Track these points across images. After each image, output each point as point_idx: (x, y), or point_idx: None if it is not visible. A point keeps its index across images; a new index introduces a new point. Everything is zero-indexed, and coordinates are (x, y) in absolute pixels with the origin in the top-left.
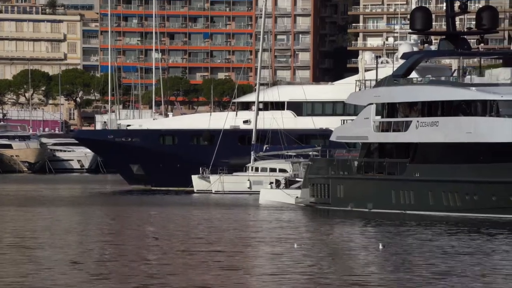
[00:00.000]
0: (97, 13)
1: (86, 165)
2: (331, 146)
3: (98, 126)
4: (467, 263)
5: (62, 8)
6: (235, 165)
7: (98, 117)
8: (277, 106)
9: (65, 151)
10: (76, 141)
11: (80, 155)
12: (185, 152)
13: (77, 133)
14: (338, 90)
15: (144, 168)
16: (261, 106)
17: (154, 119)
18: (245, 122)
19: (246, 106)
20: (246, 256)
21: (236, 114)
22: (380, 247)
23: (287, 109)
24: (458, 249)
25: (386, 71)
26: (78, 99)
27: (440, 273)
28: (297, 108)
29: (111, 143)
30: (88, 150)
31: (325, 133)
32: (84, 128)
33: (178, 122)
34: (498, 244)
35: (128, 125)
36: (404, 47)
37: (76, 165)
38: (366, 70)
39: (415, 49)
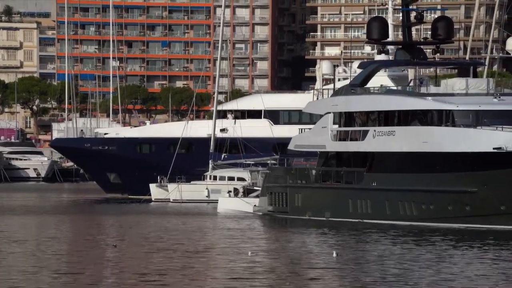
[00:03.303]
0: (54, 21)
1: (43, 174)
2: (309, 155)
3: (55, 134)
4: (417, 271)
5: (19, 15)
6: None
7: (55, 125)
8: (254, 114)
9: (21, 159)
10: (32, 150)
11: (36, 164)
12: (162, 160)
13: (54, 141)
14: None
15: (121, 177)
16: (238, 114)
17: (131, 127)
18: (222, 130)
19: (224, 114)
20: (200, 264)
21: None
22: (334, 255)
23: (264, 118)
24: (410, 257)
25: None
26: (34, 107)
27: (389, 281)
28: (274, 116)
29: (88, 151)
30: (45, 159)
31: None
32: (40, 136)
33: (155, 130)
34: (450, 253)
35: (105, 133)
36: (380, 58)
37: (32, 174)
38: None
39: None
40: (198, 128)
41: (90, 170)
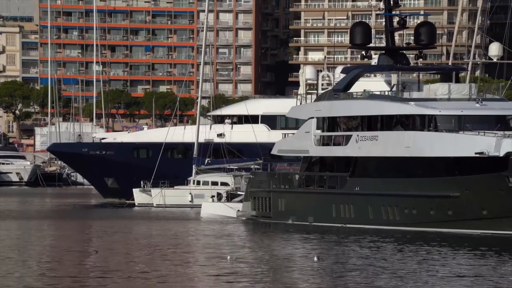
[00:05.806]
0: (37, 25)
1: (25, 178)
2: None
3: (38, 139)
4: (398, 277)
5: (1, 19)
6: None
7: (37, 130)
8: (252, 119)
9: (3, 163)
10: (15, 154)
11: (19, 168)
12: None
13: (51, 146)
14: None
15: (118, 182)
16: (235, 119)
17: (128, 132)
18: (219, 135)
19: (221, 119)
20: (179, 268)
21: (210, 128)
22: (315, 259)
23: (261, 123)
24: (392, 263)
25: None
26: (17, 112)
27: (370, 286)
28: (271, 121)
29: (86, 156)
30: (28, 163)
31: None
32: (23, 141)
33: (152, 135)
34: (431, 258)
35: (103, 138)
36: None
37: (15, 178)
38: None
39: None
40: (195, 133)
41: (87, 175)
